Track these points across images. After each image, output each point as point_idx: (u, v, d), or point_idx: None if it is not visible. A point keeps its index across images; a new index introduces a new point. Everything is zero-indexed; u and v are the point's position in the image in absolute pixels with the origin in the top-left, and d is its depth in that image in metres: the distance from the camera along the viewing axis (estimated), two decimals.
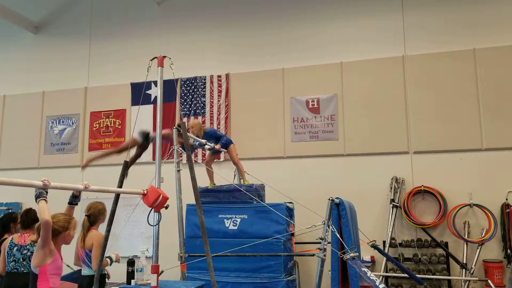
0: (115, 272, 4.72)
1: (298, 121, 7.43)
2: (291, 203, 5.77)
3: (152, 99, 8.11)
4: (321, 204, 4.15)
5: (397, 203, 6.66)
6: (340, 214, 3.94)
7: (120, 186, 3.97)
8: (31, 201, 3.16)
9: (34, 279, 2.98)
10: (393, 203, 6.64)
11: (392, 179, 6.75)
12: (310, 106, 7.42)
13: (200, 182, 4.38)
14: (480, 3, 7.01)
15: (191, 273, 5.19)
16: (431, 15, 7.17)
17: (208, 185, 5.87)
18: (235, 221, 5.50)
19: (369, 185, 6.86)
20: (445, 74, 6.90)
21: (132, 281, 3.98)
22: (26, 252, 4.18)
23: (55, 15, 9.29)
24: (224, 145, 5.70)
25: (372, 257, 6.67)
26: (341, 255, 3.62)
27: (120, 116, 8.43)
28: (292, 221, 5.54)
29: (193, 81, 8.06)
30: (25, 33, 9.24)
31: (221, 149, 5.73)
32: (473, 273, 6.06)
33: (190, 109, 7.98)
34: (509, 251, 6.22)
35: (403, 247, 6.57)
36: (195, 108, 7.95)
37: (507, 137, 6.52)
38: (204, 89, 7.99)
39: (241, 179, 5.90)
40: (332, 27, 7.62)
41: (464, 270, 6.17)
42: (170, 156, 4.75)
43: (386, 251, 6.21)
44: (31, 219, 4.32)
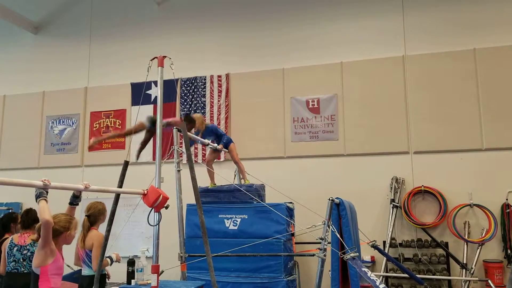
0: (115, 272, 4.72)
1: (298, 121, 7.43)
2: (291, 203, 5.78)
3: (152, 99, 8.11)
4: (321, 204, 4.15)
5: (397, 203, 6.66)
6: (340, 214, 3.94)
7: (120, 186, 3.97)
8: (31, 201, 3.16)
9: (35, 279, 2.98)
10: (393, 203, 6.64)
11: (392, 179, 6.75)
12: (310, 106, 7.42)
13: (200, 182, 4.38)
14: (480, 3, 7.01)
15: (191, 273, 5.20)
16: (431, 15, 7.17)
17: (208, 185, 5.88)
18: (235, 221, 5.50)
19: (369, 185, 6.86)
20: (445, 74, 6.90)
21: (132, 281, 3.99)
22: (26, 252, 4.18)
23: (55, 15, 9.30)
24: (224, 144, 5.74)
25: (372, 257, 6.67)
26: (341, 255, 3.62)
27: (120, 116, 8.43)
28: (292, 221, 5.55)
29: (193, 81, 8.06)
30: (25, 33, 9.24)
31: (222, 149, 5.75)
32: (473, 273, 6.06)
33: (190, 109, 7.98)
34: (509, 251, 6.22)
35: (403, 247, 6.57)
36: (195, 108, 7.96)
37: (507, 137, 6.52)
38: (204, 89, 7.99)
39: (242, 178, 5.91)
40: (332, 28, 7.62)
41: (464, 270, 6.17)
42: (170, 156, 4.76)
43: (386, 251, 6.21)
44: (32, 219, 4.33)
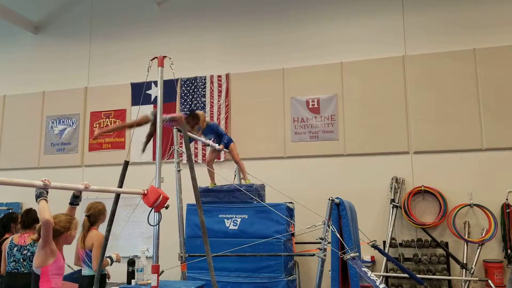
0: (116, 272, 4.72)
1: (298, 121, 7.43)
2: (291, 203, 5.78)
3: (152, 99, 8.10)
4: (321, 204, 4.15)
5: (397, 203, 6.66)
6: (340, 214, 3.94)
7: (120, 186, 3.97)
8: (31, 201, 3.16)
9: (36, 279, 2.98)
10: (393, 203, 6.64)
11: (392, 179, 6.75)
12: (310, 106, 7.42)
13: (200, 182, 4.38)
14: (480, 3, 7.00)
15: (191, 273, 5.19)
16: (431, 15, 7.17)
17: (208, 185, 5.88)
18: (235, 221, 5.50)
19: (369, 185, 6.85)
20: (445, 74, 6.90)
21: (132, 281, 3.99)
22: (26, 252, 4.18)
23: (55, 15, 9.29)
24: (225, 144, 5.75)
25: (372, 257, 6.67)
26: (341, 255, 3.61)
27: (120, 116, 8.42)
28: (292, 221, 5.55)
29: (193, 81, 8.06)
30: (25, 33, 9.24)
31: (223, 149, 5.76)
32: (473, 273, 6.06)
33: (190, 109, 7.97)
34: (509, 251, 6.22)
35: (403, 247, 6.57)
36: (195, 108, 7.95)
37: (507, 137, 6.52)
38: (204, 89, 7.99)
39: (242, 178, 5.91)
40: (332, 27, 7.62)
41: (464, 270, 6.17)
42: (170, 156, 4.76)
43: (386, 251, 6.21)
44: (32, 219, 4.33)
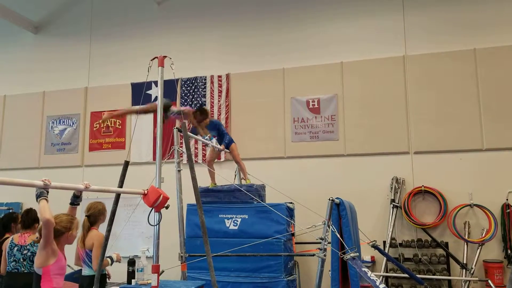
0: (116, 272, 4.72)
1: (298, 121, 7.43)
2: (291, 203, 5.78)
3: (152, 99, 8.08)
4: (321, 204, 4.15)
5: (398, 203, 6.66)
6: (340, 214, 3.94)
7: (120, 186, 3.97)
8: (31, 201, 3.16)
9: (37, 279, 2.98)
10: (393, 203, 6.64)
11: (392, 179, 6.75)
12: (310, 106, 7.42)
13: (200, 182, 4.38)
14: (480, 3, 7.00)
15: (191, 273, 5.20)
16: (432, 15, 7.17)
17: (208, 185, 5.88)
18: (235, 221, 5.50)
19: (369, 185, 6.85)
20: (445, 74, 6.90)
21: (132, 281, 3.98)
22: (26, 252, 4.19)
23: (55, 15, 9.29)
24: (226, 145, 5.75)
25: (372, 257, 6.67)
26: (341, 255, 3.61)
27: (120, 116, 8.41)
28: (292, 221, 5.55)
29: (193, 81, 8.05)
30: (25, 33, 9.24)
31: (224, 150, 5.76)
32: (473, 273, 6.06)
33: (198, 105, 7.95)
34: (509, 251, 6.22)
35: (403, 247, 6.57)
36: (195, 108, 7.95)
37: (507, 137, 6.52)
38: (204, 89, 7.99)
39: (243, 178, 5.91)
40: (332, 27, 7.62)
41: (464, 270, 6.17)
42: (170, 156, 4.76)
43: (386, 251, 6.21)
44: (32, 219, 4.34)
